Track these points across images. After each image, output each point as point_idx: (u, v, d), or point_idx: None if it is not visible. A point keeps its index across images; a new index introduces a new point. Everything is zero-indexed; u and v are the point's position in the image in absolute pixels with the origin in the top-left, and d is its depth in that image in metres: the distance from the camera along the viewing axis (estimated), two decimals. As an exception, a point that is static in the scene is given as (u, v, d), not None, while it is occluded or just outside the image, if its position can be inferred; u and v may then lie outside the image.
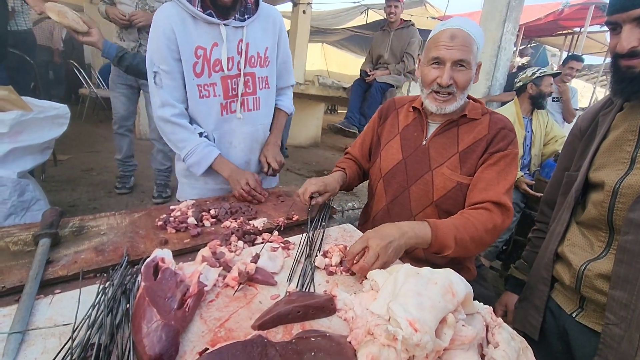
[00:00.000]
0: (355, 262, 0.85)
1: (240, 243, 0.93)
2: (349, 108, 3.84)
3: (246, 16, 1.27)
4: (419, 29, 3.99)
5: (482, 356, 0.62)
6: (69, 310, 0.66)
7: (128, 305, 0.65)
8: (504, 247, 2.81)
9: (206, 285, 0.72)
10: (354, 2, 8.46)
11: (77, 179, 3.43)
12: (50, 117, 1.73)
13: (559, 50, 8.56)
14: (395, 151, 1.24)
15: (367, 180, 1.40)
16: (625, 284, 0.82)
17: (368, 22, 8.73)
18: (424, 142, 1.20)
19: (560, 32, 7.84)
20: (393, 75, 3.66)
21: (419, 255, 1.18)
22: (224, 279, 0.77)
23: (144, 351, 0.54)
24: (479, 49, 1.10)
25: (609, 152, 0.92)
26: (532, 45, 8.72)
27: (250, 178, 1.26)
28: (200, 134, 1.29)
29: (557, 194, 1.10)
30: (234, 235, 0.96)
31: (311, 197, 1.13)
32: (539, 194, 2.37)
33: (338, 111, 13.32)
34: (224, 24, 1.21)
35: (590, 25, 5.90)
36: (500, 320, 0.68)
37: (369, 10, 8.57)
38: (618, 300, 0.83)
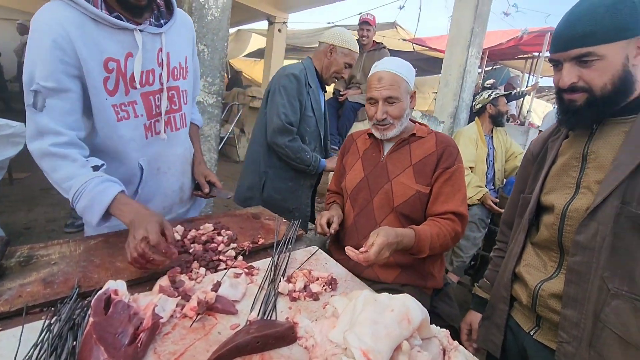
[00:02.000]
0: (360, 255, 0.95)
1: (202, 270, 0.91)
2: None
3: (162, 21, 1.08)
4: (390, 50, 4.14)
5: (440, 382, 0.62)
6: (9, 350, 0.61)
7: (75, 342, 0.61)
8: (472, 263, 2.89)
9: (162, 317, 0.69)
10: (328, 23, 8.70)
11: (34, 199, 3.25)
12: (5, 136, 1.64)
13: (520, 72, 9.11)
14: (358, 171, 1.39)
15: None
16: (575, 303, 0.86)
17: (342, 41, 9.01)
18: (382, 159, 1.35)
19: (521, 56, 8.36)
20: (365, 95, 3.76)
21: (389, 261, 1.24)
22: (182, 309, 0.75)
23: (87, 394, 0.51)
24: (409, 81, 1.28)
25: (558, 177, 0.98)
26: (497, 67, 9.24)
27: (152, 232, 0.84)
28: (97, 168, 0.97)
29: (514, 214, 1.15)
30: (195, 262, 0.93)
31: (328, 225, 1.29)
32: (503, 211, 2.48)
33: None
34: (140, 30, 1.00)
35: (547, 51, 6.35)
36: (456, 343, 0.69)
37: (343, 30, 8.85)
38: (569, 319, 0.87)
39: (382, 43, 4.02)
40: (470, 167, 2.66)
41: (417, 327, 0.62)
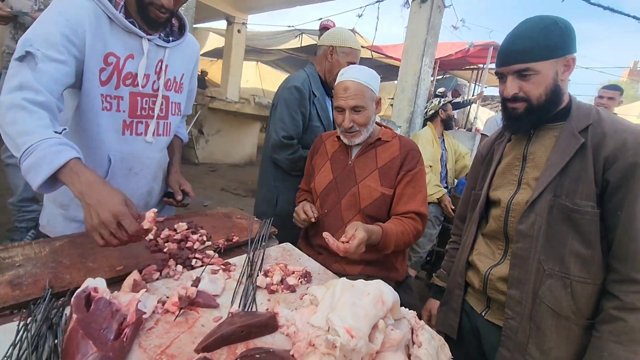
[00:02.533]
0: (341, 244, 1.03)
1: (180, 267, 0.92)
2: None
3: (170, 38, 1.21)
4: (349, 56, 4.29)
5: (409, 356, 0.70)
6: (-19, 352, 0.59)
7: (56, 341, 0.61)
8: (428, 258, 3.09)
9: (144, 313, 0.70)
10: (289, 27, 8.75)
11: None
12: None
13: (467, 82, 9.82)
14: (327, 173, 1.45)
15: None
16: (518, 283, 0.99)
17: (302, 45, 9.08)
18: (350, 162, 1.42)
19: (468, 67, 9.02)
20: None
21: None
22: (163, 305, 0.76)
23: (78, 387, 0.52)
24: (374, 89, 1.34)
25: (503, 175, 1.12)
26: (446, 76, 9.88)
27: (126, 217, 0.79)
28: (59, 133, 0.90)
29: (467, 210, 1.28)
30: (171, 259, 0.94)
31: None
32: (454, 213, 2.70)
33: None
34: (148, 39, 1.11)
35: (491, 63, 6.92)
36: (422, 322, 0.78)
37: (303, 34, 8.92)
38: (513, 298, 1.00)
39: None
40: (430, 166, 2.86)
41: (391, 308, 0.69)
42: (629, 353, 0.86)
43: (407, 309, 0.78)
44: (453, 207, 2.78)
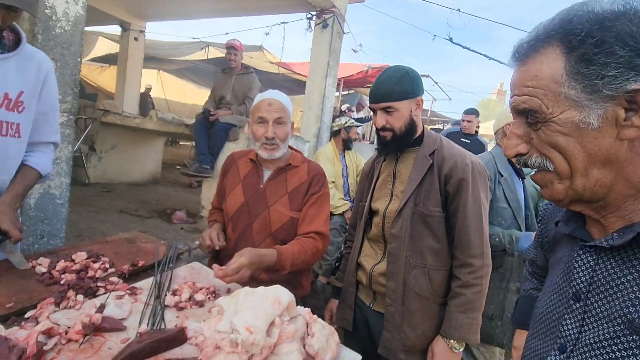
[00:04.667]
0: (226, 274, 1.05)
1: (80, 297, 0.91)
2: (197, 150, 3.87)
3: None
4: (257, 70, 4.42)
5: (304, 346, 0.85)
6: None
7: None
8: (337, 264, 3.36)
9: (46, 344, 0.71)
10: (194, 38, 8.49)
11: None
12: None
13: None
14: (239, 195, 1.47)
15: None
16: (393, 276, 1.24)
17: (209, 57, 8.88)
18: (261, 186, 1.47)
19: (368, 85, 10.04)
20: (235, 116, 3.91)
21: (263, 278, 1.39)
22: (66, 333, 0.77)
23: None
24: (289, 112, 1.46)
25: (380, 189, 1.37)
26: (350, 92, 10.78)
27: (12, 227, 0.98)
28: None
29: (357, 219, 1.52)
30: (71, 289, 0.92)
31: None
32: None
33: (180, 143, 12.66)
34: None
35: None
36: (315, 317, 0.94)
37: (210, 47, 8.75)
38: (390, 289, 1.24)
39: (250, 67, 4.28)
40: (332, 182, 3.12)
41: (286, 307, 0.83)
42: (468, 319, 1.16)
43: (302, 307, 0.93)
44: None
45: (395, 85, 1.20)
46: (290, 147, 1.55)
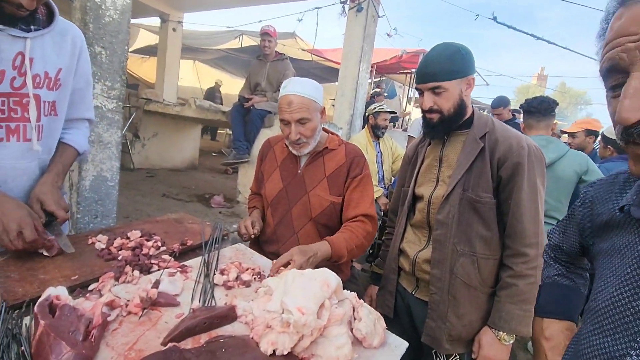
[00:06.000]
0: (278, 272, 1.03)
1: (137, 272, 0.96)
2: (234, 137, 3.95)
3: (32, 27, 1.01)
4: (291, 58, 4.41)
5: (352, 329, 0.84)
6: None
7: (22, 348, 0.64)
8: (371, 251, 3.34)
9: (109, 315, 0.75)
10: (228, 27, 8.60)
11: None
12: None
13: (402, 84, 10.55)
14: (277, 181, 1.47)
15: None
16: (438, 264, 1.20)
17: (242, 46, 8.98)
18: (300, 171, 1.46)
19: (402, 71, 9.70)
20: (270, 103, 3.94)
21: None
22: (126, 306, 0.81)
23: (56, 383, 0.56)
24: (318, 99, 1.37)
25: (425, 174, 1.32)
26: (383, 79, 10.51)
27: (27, 226, 0.91)
28: None
29: (398, 204, 1.48)
30: (128, 265, 0.97)
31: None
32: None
33: (217, 135, 12.98)
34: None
35: (421, 68, 7.57)
36: (362, 301, 0.92)
37: (244, 35, 8.83)
38: (435, 276, 1.20)
39: (284, 54, 4.27)
40: None
41: (334, 290, 0.83)
42: (520, 311, 1.10)
43: (349, 291, 0.92)
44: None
45: (446, 63, 1.13)
46: (325, 130, 1.52)
